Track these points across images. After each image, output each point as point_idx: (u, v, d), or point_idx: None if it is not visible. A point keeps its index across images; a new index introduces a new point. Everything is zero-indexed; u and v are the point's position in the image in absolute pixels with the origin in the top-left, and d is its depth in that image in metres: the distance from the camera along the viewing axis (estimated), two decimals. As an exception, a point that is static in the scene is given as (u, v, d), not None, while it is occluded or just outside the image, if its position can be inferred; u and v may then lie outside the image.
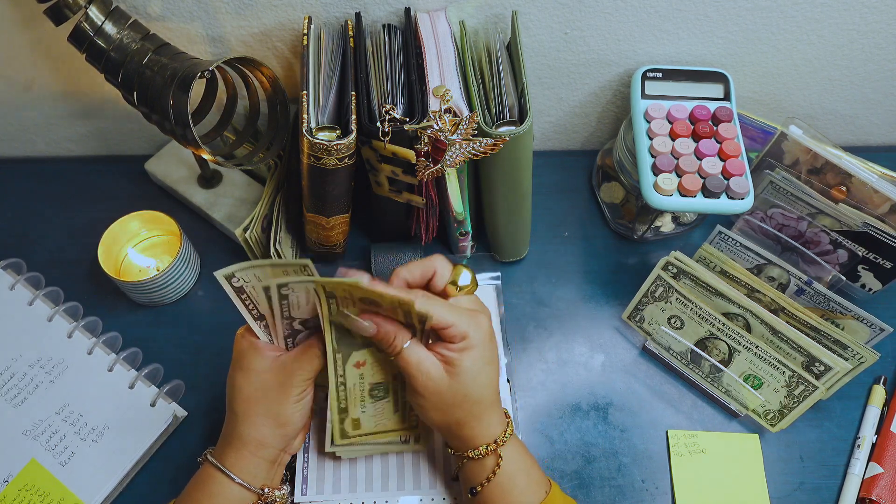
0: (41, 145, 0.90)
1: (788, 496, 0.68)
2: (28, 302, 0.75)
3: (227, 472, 0.57)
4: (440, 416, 0.56)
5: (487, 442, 0.57)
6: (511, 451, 0.57)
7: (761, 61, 0.80)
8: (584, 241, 0.84)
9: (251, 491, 0.58)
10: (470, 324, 0.55)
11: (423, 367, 0.55)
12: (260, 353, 0.57)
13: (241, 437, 0.58)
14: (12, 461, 0.66)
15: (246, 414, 0.57)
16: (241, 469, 0.57)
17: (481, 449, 0.56)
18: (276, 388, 0.57)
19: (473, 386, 0.55)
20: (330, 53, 0.68)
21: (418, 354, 0.55)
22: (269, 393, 0.57)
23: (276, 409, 0.57)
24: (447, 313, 0.54)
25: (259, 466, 0.58)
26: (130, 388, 0.70)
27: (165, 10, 0.72)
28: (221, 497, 0.57)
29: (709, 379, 0.73)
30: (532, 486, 0.57)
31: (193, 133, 0.63)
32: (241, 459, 0.57)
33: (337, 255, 0.80)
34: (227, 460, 0.57)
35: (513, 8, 0.72)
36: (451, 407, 0.56)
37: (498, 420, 0.58)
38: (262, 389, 0.57)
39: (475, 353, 0.55)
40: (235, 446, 0.58)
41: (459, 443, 0.58)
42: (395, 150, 0.64)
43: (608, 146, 0.85)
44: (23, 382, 0.70)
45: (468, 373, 0.55)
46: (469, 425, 0.57)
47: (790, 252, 0.73)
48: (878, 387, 0.73)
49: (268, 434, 0.58)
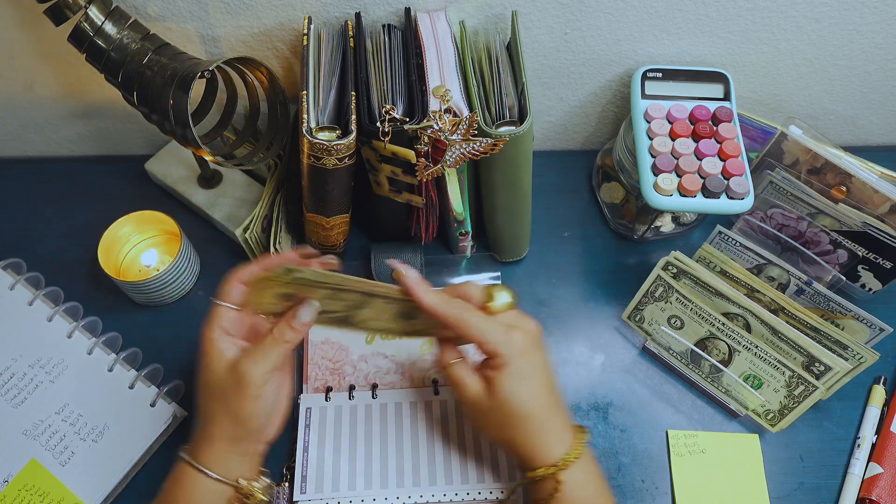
0: (41, 145, 0.90)
1: (788, 496, 0.68)
2: (28, 302, 0.75)
3: (200, 468, 0.56)
4: (494, 434, 0.57)
5: (546, 464, 0.55)
6: (575, 476, 0.55)
7: (761, 61, 0.80)
8: (584, 241, 0.84)
9: (227, 484, 0.57)
10: (501, 341, 0.55)
11: (462, 385, 0.57)
12: (218, 351, 0.57)
13: (210, 435, 0.57)
14: (12, 461, 0.66)
15: (209, 412, 0.57)
16: (214, 463, 0.57)
17: (539, 471, 0.55)
18: (231, 387, 0.56)
19: (515, 404, 0.55)
20: (330, 53, 0.68)
21: (459, 373, 0.57)
22: (226, 391, 0.56)
23: (234, 408, 0.56)
24: (478, 331, 0.55)
25: (231, 460, 0.57)
26: (130, 388, 0.70)
27: (165, 10, 0.72)
28: (198, 493, 0.57)
29: (709, 379, 0.73)
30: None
31: (193, 133, 0.63)
32: (213, 454, 0.57)
33: (337, 256, 0.80)
34: (201, 456, 0.57)
35: (513, 8, 0.72)
36: (500, 426, 0.56)
37: (558, 440, 0.56)
38: (220, 387, 0.57)
39: (510, 371, 0.55)
40: (206, 442, 0.57)
41: (521, 462, 0.58)
42: (395, 150, 0.64)
43: (608, 146, 0.85)
44: (23, 382, 0.70)
45: (506, 391, 0.55)
46: (523, 444, 0.56)
47: (790, 252, 0.73)
48: (878, 387, 0.73)
49: (231, 430, 0.57)
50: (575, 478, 0.55)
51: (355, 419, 0.69)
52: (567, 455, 0.55)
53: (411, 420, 0.69)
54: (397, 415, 0.69)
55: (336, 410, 0.69)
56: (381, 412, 0.69)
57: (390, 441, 0.67)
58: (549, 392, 0.57)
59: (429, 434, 0.68)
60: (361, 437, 0.68)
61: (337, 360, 0.71)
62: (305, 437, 0.68)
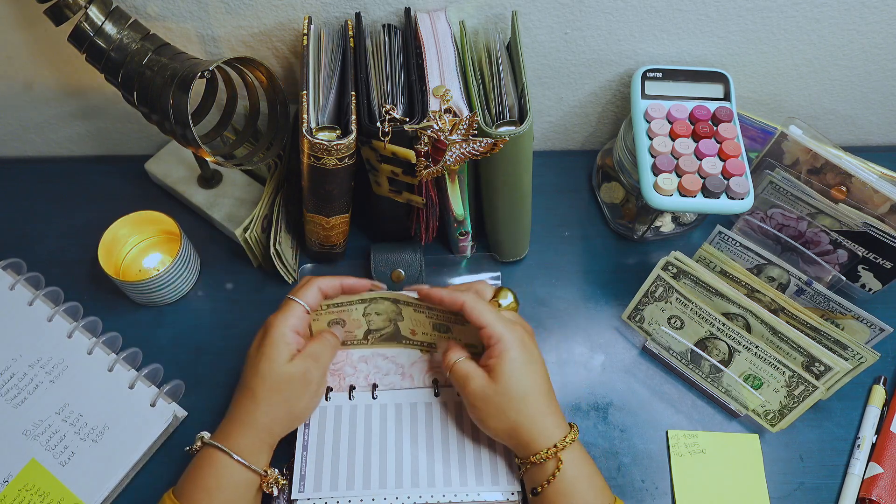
0: (41, 145, 0.90)
1: (788, 496, 0.68)
2: (28, 302, 0.75)
3: (234, 456, 0.59)
4: (498, 423, 0.61)
5: (547, 446, 0.59)
6: (572, 457, 0.59)
7: (761, 61, 0.80)
8: (584, 241, 0.84)
9: (256, 473, 0.60)
10: (505, 329, 0.61)
11: (469, 377, 0.61)
12: (287, 346, 0.61)
13: (254, 421, 0.60)
14: (12, 461, 0.66)
15: (266, 401, 0.60)
16: (246, 451, 0.59)
17: (541, 454, 0.59)
18: (297, 381, 0.61)
19: (517, 387, 0.60)
20: (330, 53, 0.68)
21: (466, 367, 0.62)
22: (291, 384, 0.61)
23: (292, 401, 0.62)
24: (485, 316, 0.61)
25: (263, 450, 0.61)
26: (130, 388, 0.70)
27: (165, 10, 0.72)
28: (228, 479, 0.59)
29: (709, 379, 0.73)
30: (593, 492, 0.59)
31: (193, 133, 0.63)
32: (247, 442, 0.60)
33: (337, 256, 0.80)
34: (235, 443, 0.59)
35: (513, 8, 0.72)
36: (503, 411, 0.60)
37: (556, 424, 0.60)
38: (284, 380, 0.61)
39: (511, 356, 0.60)
40: (243, 429, 0.60)
41: (523, 450, 0.60)
42: (395, 150, 0.64)
43: (608, 146, 0.85)
44: (23, 382, 0.70)
45: (507, 375, 0.60)
46: (526, 428, 0.60)
47: (790, 252, 0.73)
48: (878, 387, 0.73)
49: (280, 422, 0.62)
50: (573, 458, 0.59)
51: (355, 419, 0.69)
52: (565, 437, 0.59)
53: (411, 421, 0.69)
54: (397, 415, 0.69)
55: (336, 410, 0.69)
56: (380, 412, 0.69)
57: (389, 441, 0.67)
58: (545, 381, 0.62)
59: (428, 435, 0.68)
60: (361, 437, 0.68)
61: (337, 361, 0.71)
62: (305, 436, 0.68)
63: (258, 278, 0.80)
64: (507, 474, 0.65)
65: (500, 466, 0.66)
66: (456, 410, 0.69)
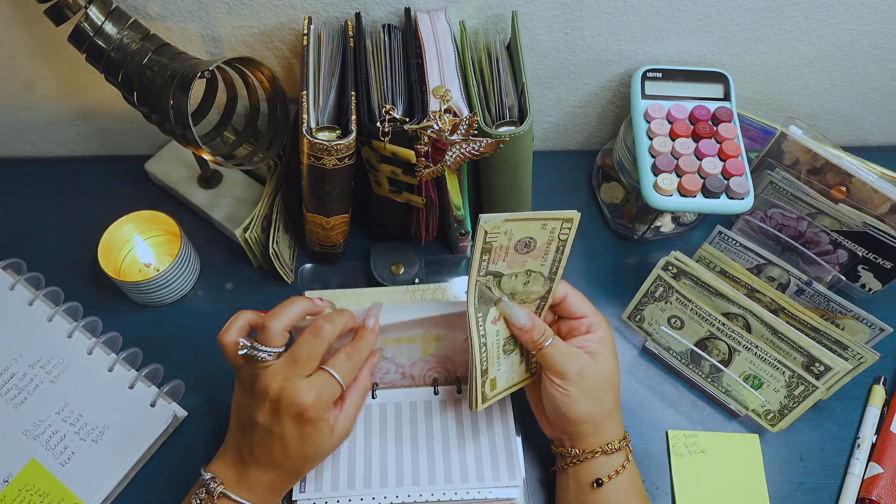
0: (41, 145, 0.90)
1: (788, 496, 0.68)
2: (28, 302, 0.75)
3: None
4: (590, 406, 0.60)
5: (619, 437, 0.60)
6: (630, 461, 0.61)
7: (761, 61, 0.80)
8: (584, 241, 0.84)
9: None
10: (598, 315, 0.62)
11: (571, 355, 0.59)
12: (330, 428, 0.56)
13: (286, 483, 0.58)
14: (12, 461, 0.66)
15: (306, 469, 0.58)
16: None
17: (614, 443, 0.60)
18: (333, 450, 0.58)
19: (614, 372, 0.61)
20: (330, 53, 0.68)
21: (565, 346, 0.60)
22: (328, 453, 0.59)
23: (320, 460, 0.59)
24: (583, 304, 0.62)
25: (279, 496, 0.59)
26: (130, 388, 0.70)
27: (165, 10, 0.72)
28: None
29: (709, 379, 0.73)
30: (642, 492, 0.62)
31: (193, 133, 0.63)
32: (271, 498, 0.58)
33: (337, 256, 0.80)
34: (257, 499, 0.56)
35: (513, 8, 0.72)
36: (600, 393, 0.60)
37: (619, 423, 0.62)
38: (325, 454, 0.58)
39: (606, 339, 0.61)
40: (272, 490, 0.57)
41: (598, 437, 0.60)
42: (395, 150, 0.64)
43: (608, 146, 0.85)
44: (23, 382, 0.70)
45: (607, 358, 0.60)
46: (612, 416, 0.61)
47: (790, 252, 0.73)
48: (878, 387, 0.73)
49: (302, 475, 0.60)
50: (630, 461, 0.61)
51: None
52: (626, 434, 0.61)
53: (411, 420, 0.69)
54: (397, 415, 0.69)
55: (336, 410, 0.69)
56: (380, 412, 0.69)
57: (390, 440, 0.67)
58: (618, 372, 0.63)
59: (428, 433, 0.68)
60: (361, 436, 0.68)
61: None
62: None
63: (258, 278, 0.80)
64: (508, 471, 0.65)
65: (501, 463, 0.66)
66: (456, 409, 0.69)
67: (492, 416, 0.69)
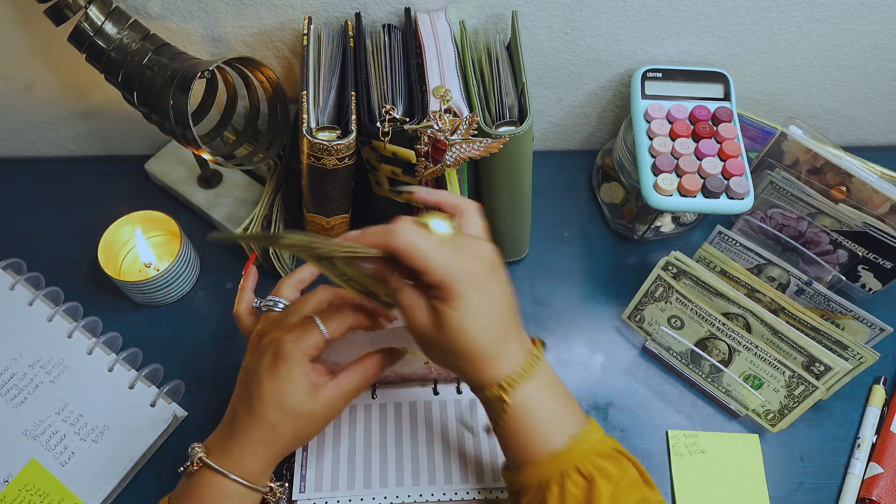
0: (41, 145, 0.90)
1: (788, 496, 0.68)
2: (28, 302, 0.75)
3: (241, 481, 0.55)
4: (440, 362, 0.54)
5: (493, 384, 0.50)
6: (525, 396, 0.50)
7: (761, 61, 0.80)
8: (584, 241, 0.84)
9: (261, 493, 0.56)
10: (450, 270, 0.48)
11: (411, 313, 0.50)
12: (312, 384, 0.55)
13: (266, 451, 0.55)
14: (12, 461, 0.66)
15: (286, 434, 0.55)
16: (252, 475, 0.55)
17: (486, 392, 0.51)
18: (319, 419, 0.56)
19: (464, 339, 0.49)
20: (330, 53, 0.68)
21: (410, 299, 0.50)
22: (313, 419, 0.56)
23: (310, 432, 0.57)
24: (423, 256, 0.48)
25: (268, 471, 0.57)
26: (130, 388, 0.70)
27: (165, 9, 0.72)
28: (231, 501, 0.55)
29: (709, 379, 0.73)
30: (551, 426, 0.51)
31: (193, 133, 0.63)
32: (255, 468, 0.55)
33: (337, 255, 0.80)
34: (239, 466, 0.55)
35: (513, 8, 0.72)
36: (446, 357, 0.52)
37: (508, 360, 0.51)
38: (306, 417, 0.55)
39: (458, 304, 0.48)
40: (253, 456, 0.55)
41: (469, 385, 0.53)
42: (395, 150, 0.64)
43: (608, 146, 0.85)
44: (23, 382, 0.70)
45: (452, 327, 0.49)
46: (470, 374, 0.51)
47: (790, 252, 0.73)
48: (878, 387, 0.73)
49: (292, 447, 0.57)
50: (525, 395, 0.51)
51: (355, 419, 0.69)
52: (511, 376, 0.50)
53: (411, 420, 0.69)
54: (397, 415, 0.69)
55: (336, 410, 0.69)
56: (380, 412, 0.69)
57: (389, 440, 0.67)
58: (501, 319, 0.51)
59: (428, 434, 0.68)
60: (361, 436, 0.68)
61: None
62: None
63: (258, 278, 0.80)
64: None
65: (501, 463, 0.66)
66: (456, 408, 0.69)
67: (492, 416, 0.69)
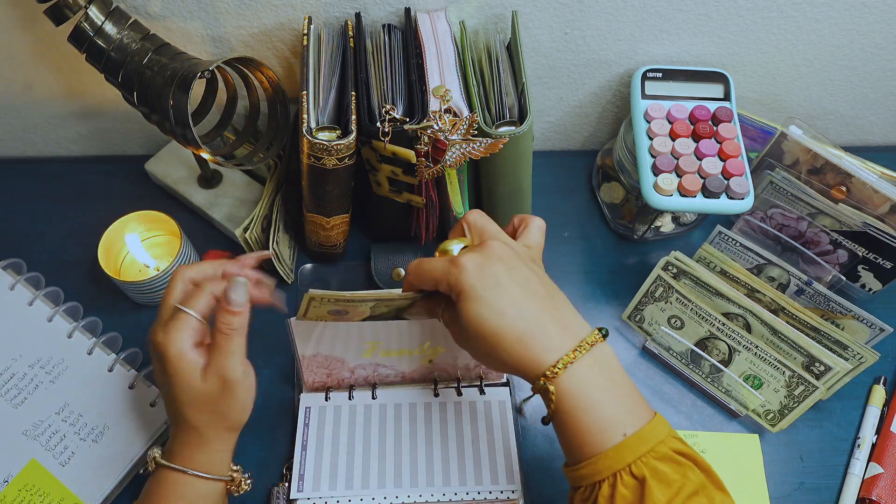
0: (41, 145, 0.90)
1: (788, 496, 0.68)
2: (28, 302, 0.75)
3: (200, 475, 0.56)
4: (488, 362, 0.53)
5: (539, 374, 0.48)
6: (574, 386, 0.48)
7: (761, 61, 0.80)
8: (584, 241, 0.84)
9: (221, 481, 0.58)
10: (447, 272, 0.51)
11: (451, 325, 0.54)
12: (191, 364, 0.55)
13: (200, 439, 0.56)
14: (12, 461, 0.66)
15: (199, 422, 0.56)
16: (209, 465, 0.57)
17: (534, 385, 0.49)
18: (218, 393, 0.55)
19: (481, 326, 0.49)
20: (330, 53, 0.68)
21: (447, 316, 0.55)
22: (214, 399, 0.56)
23: (225, 410, 0.56)
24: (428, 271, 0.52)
25: (223, 458, 0.58)
26: (130, 388, 0.70)
27: (165, 9, 0.72)
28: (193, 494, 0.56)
29: (709, 379, 0.73)
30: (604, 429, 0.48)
31: (193, 133, 0.63)
32: (208, 457, 0.57)
33: (337, 256, 0.80)
34: (190, 460, 0.56)
35: (513, 8, 0.72)
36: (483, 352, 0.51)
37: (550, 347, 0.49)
38: (206, 397, 0.55)
39: (465, 296, 0.50)
40: (194, 449, 0.57)
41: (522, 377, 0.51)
42: (395, 150, 0.64)
43: (608, 146, 0.85)
44: (23, 382, 0.70)
45: (466, 318, 0.50)
46: (511, 365, 0.50)
47: (790, 252, 0.73)
48: (878, 387, 0.73)
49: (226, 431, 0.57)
50: (574, 386, 0.48)
51: (354, 419, 0.69)
52: (556, 364, 0.48)
53: (410, 420, 0.69)
54: (396, 415, 0.69)
55: (335, 410, 0.69)
56: (380, 412, 0.69)
57: (388, 441, 0.67)
58: (525, 307, 0.50)
59: (427, 435, 0.68)
60: (360, 436, 0.68)
61: (333, 368, 0.70)
62: (304, 435, 0.68)
63: (258, 278, 0.80)
64: (507, 473, 0.65)
65: (500, 466, 0.66)
66: (456, 410, 0.69)
67: (492, 419, 0.69)
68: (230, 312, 0.55)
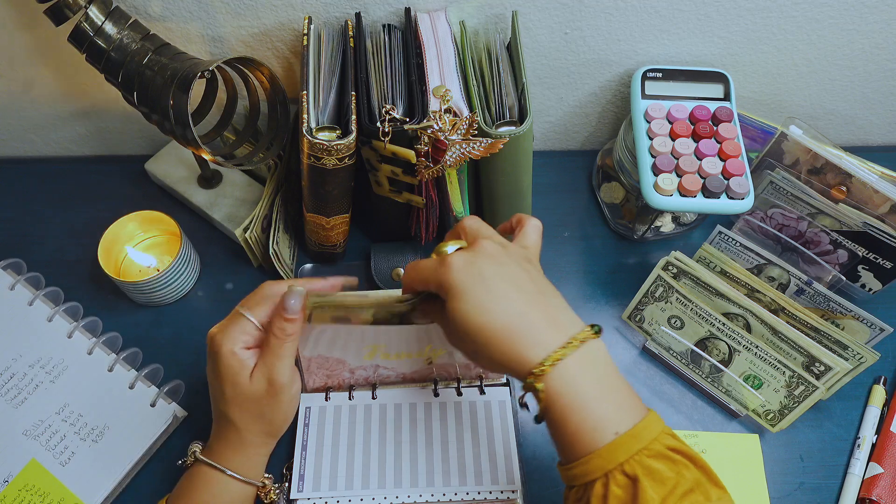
0: (41, 145, 0.90)
1: (788, 496, 0.68)
2: (28, 302, 0.75)
3: (230, 473, 0.59)
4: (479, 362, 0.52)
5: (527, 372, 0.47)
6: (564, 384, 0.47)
7: (761, 61, 0.80)
8: (584, 241, 0.84)
9: (253, 485, 0.60)
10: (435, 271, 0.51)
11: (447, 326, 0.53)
12: (242, 364, 0.57)
13: (242, 442, 0.59)
14: (12, 461, 0.66)
15: (241, 422, 0.59)
16: (245, 467, 0.60)
17: (526, 382, 0.48)
18: (265, 396, 0.58)
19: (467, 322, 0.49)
20: (330, 53, 0.68)
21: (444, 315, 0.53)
22: (259, 401, 0.58)
23: (270, 414, 0.59)
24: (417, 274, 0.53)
25: (259, 462, 0.61)
26: (130, 388, 0.70)
27: (165, 10, 0.72)
28: (225, 495, 0.59)
29: (709, 379, 0.73)
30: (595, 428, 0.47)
31: (193, 133, 0.63)
32: (241, 459, 0.59)
33: (337, 256, 0.80)
34: (228, 461, 0.59)
35: (513, 8, 0.72)
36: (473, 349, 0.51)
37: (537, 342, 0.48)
38: (253, 399, 0.58)
39: (451, 294, 0.49)
40: (234, 450, 0.59)
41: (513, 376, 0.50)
42: (395, 150, 0.64)
43: (608, 146, 0.85)
44: (23, 382, 0.70)
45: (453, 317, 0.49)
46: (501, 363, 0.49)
47: (790, 252, 0.73)
48: (878, 387, 0.73)
49: (266, 435, 0.61)
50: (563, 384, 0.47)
51: (354, 419, 0.69)
52: (543, 361, 0.47)
53: (410, 421, 0.69)
54: (396, 415, 0.69)
55: (335, 410, 0.69)
56: (380, 412, 0.69)
57: (389, 441, 0.67)
58: (511, 296, 0.49)
59: (427, 435, 0.68)
60: (360, 436, 0.68)
61: (333, 369, 0.70)
62: (304, 435, 0.68)
63: (258, 278, 0.80)
64: (507, 473, 0.65)
65: (500, 466, 0.66)
66: (456, 410, 0.69)
67: (491, 420, 0.69)
68: (285, 319, 0.57)
